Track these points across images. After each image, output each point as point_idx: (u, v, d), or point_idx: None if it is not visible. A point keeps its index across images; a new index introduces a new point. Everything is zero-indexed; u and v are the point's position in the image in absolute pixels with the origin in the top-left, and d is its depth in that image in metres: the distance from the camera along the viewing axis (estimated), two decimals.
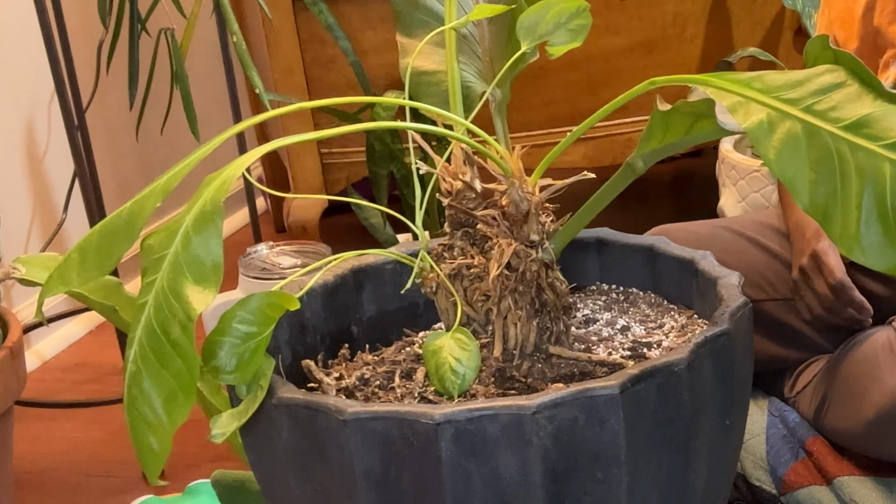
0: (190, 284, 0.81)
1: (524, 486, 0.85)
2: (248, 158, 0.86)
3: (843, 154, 0.76)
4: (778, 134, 0.77)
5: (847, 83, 0.79)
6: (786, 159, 0.77)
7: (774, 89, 0.80)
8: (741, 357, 0.96)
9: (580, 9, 0.98)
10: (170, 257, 0.82)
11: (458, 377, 0.91)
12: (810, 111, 0.78)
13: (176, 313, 0.82)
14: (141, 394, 0.84)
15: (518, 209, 0.95)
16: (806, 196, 0.77)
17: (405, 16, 1.10)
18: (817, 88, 0.79)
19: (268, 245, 1.96)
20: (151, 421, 0.84)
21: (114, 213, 0.88)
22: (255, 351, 0.88)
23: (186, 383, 0.83)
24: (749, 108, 0.79)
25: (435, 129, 0.96)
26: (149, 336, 0.83)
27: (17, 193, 2.34)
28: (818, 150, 0.77)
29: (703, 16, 2.37)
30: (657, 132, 0.90)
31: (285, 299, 0.90)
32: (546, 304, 0.98)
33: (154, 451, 0.85)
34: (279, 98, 2.20)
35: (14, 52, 2.29)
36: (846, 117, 0.77)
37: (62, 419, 2.11)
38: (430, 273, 0.99)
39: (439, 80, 1.05)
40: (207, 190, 0.84)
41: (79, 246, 0.88)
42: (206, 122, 2.11)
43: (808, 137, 0.77)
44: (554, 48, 0.98)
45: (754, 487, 1.54)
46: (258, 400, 0.90)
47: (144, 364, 0.83)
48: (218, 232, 0.82)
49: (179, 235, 0.82)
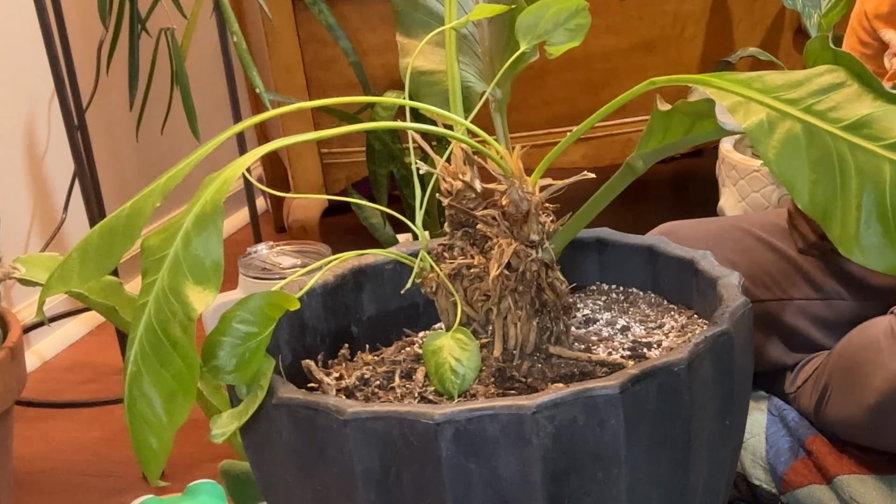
0: (190, 285, 0.81)
1: (524, 486, 0.85)
2: (248, 159, 0.86)
3: (842, 154, 0.76)
4: (778, 134, 0.78)
5: (847, 83, 0.79)
6: (786, 159, 0.77)
7: (774, 89, 0.80)
8: (741, 357, 0.96)
9: (579, 8, 0.98)
10: (170, 258, 0.82)
11: (458, 377, 0.91)
12: (810, 111, 0.78)
13: (176, 313, 0.82)
14: (141, 394, 0.84)
15: (518, 209, 0.95)
16: (806, 196, 0.77)
17: (405, 16, 1.10)
18: (817, 89, 0.79)
19: (268, 245, 1.95)
20: (151, 421, 0.84)
21: (114, 214, 0.88)
22: (255, 351, 0.88)
23: (186, 383, 0.83)
24: (749, 108, 0.79)
25: (435, 130, 0.96)
26: (149, 336, 0.83)
27: (17, 193, 2.34)
28: (818, 150, 0.77)
29: (703, 16, 2.37)
30: (657, 132, 0.90)
31: (285, 299, 0.90)
32: (546, 303, 0.98)
33: (154, 452, 0.85)
34: (279, 98, 2.20)
35: (14, 52, 2.29)
36: (846, 117, 0.77)
37: (62, 419, 2.11)
38: (430, 273, 0.99)
39: (439, 79, 1.05)
40: (207, 190, 0.83)
41: (79, 246, 0.88)
42: (206, 122, 2.11)
43: (807, 137, 0.77)
44: (553, 48, 0.98)
45: (754, 487, 1.54)
46: (258, 400, 0.90)
47: (145, 364, 0.83)
48: (218, 232, 0.82)
49: (180, 236, 0.82)
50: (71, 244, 2.43)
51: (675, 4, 2.34)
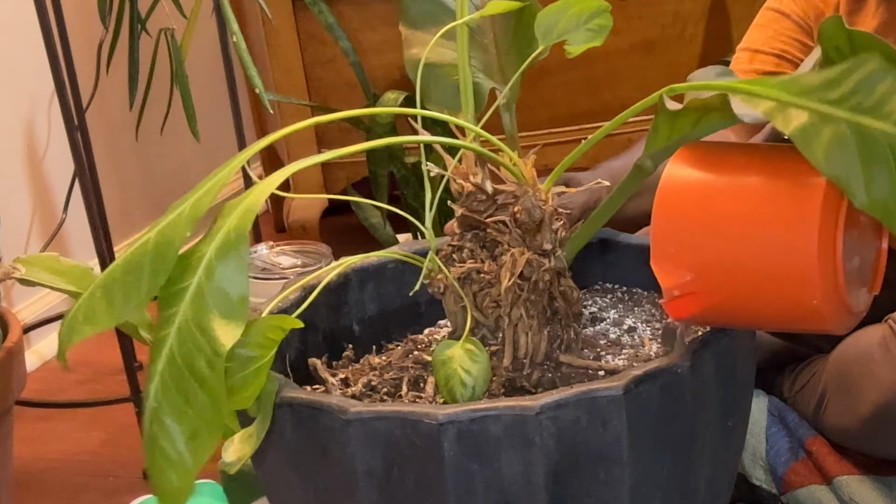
0: (216, 318, 0.78)
1: (527, 487, 0.85)
2: (270, 184, 0.81)
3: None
4: (825, 136, 0.74)
5: (887, 73, 0.77)
6: (837, 160, 0.74)
7: (812, 90, 0.77)
8: (743, 358, 0.96)
9: (601, 8, 0.97)
10: (192, 290, 0.79)
11: (468, 389, 0.90)
12: (859, 110, 0.75)
13: (202, 348, 0.78)
14: (162, 431, 0.80)
15: (531, 218, 0.94)
16: (864, 195, 0.74)
17: (410, 7, 1.07)
18: (858, 84, 0.76)
19: (268, 245, 1.95)
20: (173, 459, 0.80)
21: (136, 246, 0.83)
22: (257, 374, 0.86)
23: (212, 421, 0.79)
24: (788, 113, 0.76)
25: (447, 141, 0.93)
26: (172, 371, 0.79)
27: (17, 193, 2.34)
28: (870, 148, 0.74)
29: (703, 16, 2.37)
30: (663, 129, 0.89)
31: (287, 322, 0.87)
32: (557, 312, 0.97)
33: (176, 489, 0.80)
34: (279, 98, 2.20)
35: (14, 52, 2.29)
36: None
37: (62, 419, 2.10)
38: (438, 274, 0.98)
39: (446, 73, 1.02)
40: (230, 218, 0.80)
41: (101, 283, 0.83)
42: (206, 122, 2.11)
43: (857, 136, 0.73)
44: (572, 47, 0.97)
45: (754, 487, 1.54)
46: (267, 423, 0.89)
47: (166, 400, 0.80)
48: (244, 263, 0.78)
49: (202, 266, 0.79)
50: (71, 244, 2.43)
51: (675, 4, 2.34)
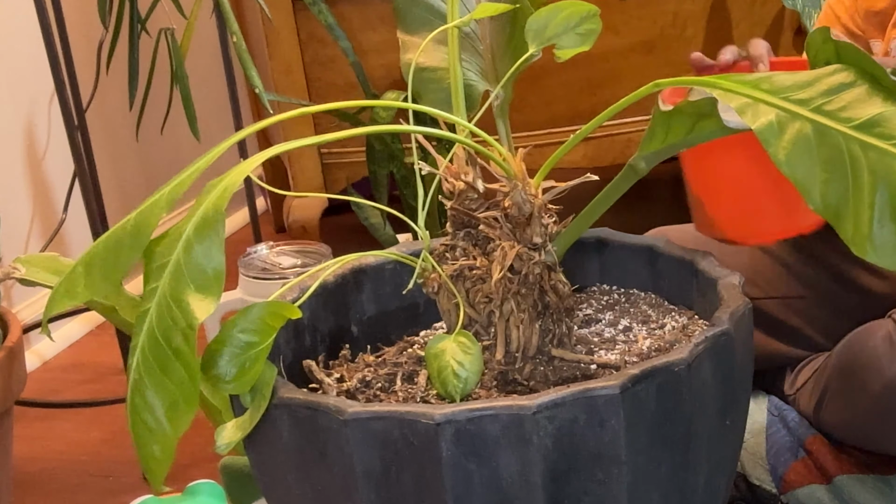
0: (192, 292, 0.81)
1: (524, 487, 0.85)
2: (249, 164, 0.85)
3: (854, 153, 0.76)
4: (788, 135, 0.77)
5: (857, 83, 0.79)
6: (797, 160, 0.76)
7: (783, 90, 0.79)
8: (741, 357, 0.96)
9: (590, 13, 0.97)
10: (171, 265, 0.82)
11: (461, 381, 0.91)
12: (821, 111, 0.77)
13: (178, 321, 0.81)
14: (144, 402, 0.83)
15: (521, 212, 0.95)
16: (818, 196, 0.76)
17: (405, 12, 1.09)
18: (827, 89, 0.78)
19: (268, 245, 1.95)
20: (154, 429, 0.84)
21: (118, 225, 0.87)
22: (255, 360, 0.88)
23: (188, 392, 0.83)
24: (758, 109, 0.79)
25: (439, 133, 0.95)
26: (151, 344, 0.83)
27: (17, 193, 2.34)
28: (829, 150, 0.76)
29: (703, 16, 2.36)
30: (659, 132, 0.90)
31: (286, 309, 0.89)
32: (549, 306, 0.98)
33: (158, 459, 0.85)
34: (279, 98, 2.20)
35: (14, 52, 2.29)
36: (857, 117, 0.77)
37: (62, 419, 2.11)
38: (432, 273, 0.99)
39: (441, 76, 1.04)
40: (209, 196, 0.83)
41: (83, 259, 0.88)
42: (206, 122, 2.11)
43: (818, 138, 0.76)
44: (562, 51, 0.98)
45: (754, 486, 1.54)
46: (262, 409, 0.90)
47: (147, 373, 0.83)
48: (220, 239, 0.81)
49: (181, 243, 0.82)
50: (71, 244, 2.43)
51: (675, 4, 2.34)
